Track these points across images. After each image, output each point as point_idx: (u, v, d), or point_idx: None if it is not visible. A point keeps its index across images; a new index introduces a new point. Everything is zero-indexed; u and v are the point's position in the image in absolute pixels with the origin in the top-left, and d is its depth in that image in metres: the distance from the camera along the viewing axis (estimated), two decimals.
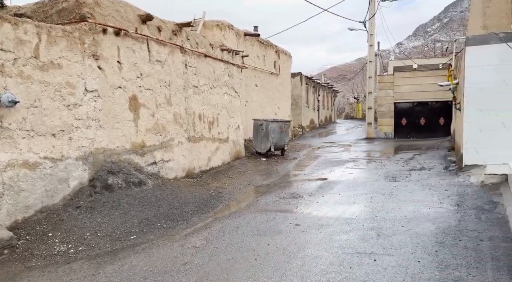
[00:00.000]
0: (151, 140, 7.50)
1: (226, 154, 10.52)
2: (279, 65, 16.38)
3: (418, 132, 19.00)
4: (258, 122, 12.32)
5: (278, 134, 12.26)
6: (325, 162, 11.23)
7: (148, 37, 7.49)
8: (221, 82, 10.26)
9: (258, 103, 14.68)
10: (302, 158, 12.34)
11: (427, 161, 10.67)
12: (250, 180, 8.75)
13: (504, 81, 7.64)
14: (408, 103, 19.24)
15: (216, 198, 7.10)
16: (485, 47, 7.77)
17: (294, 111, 23.98)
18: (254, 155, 12.46)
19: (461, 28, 77.27)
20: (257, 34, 13.10)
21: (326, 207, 6.22)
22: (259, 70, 14.59)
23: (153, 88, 7.62)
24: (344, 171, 9.57)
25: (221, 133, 10.22)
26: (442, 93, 18.29)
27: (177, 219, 5.83)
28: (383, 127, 19.77)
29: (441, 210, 5.55)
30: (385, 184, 7.71)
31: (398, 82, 19.21)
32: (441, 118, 18.62)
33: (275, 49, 16.03)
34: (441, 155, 11.90)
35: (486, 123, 7.86)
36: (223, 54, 10.37)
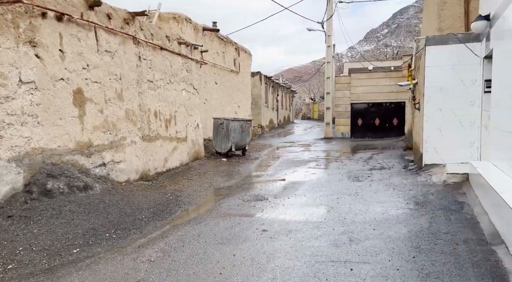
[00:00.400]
0: (100, 139, 6.70)
1: (185, 154, 9.87)
2: (239, 63, 15.92)
3: (374, 132, 19.44)
4: (218, 121, 11.76)
5: (239, 134, 11.80)
6: (288, 162, 10.93)
7: (96, 25, 6.68)
8: (179, 77, 9.59)
9: (218, 102, 14.11)
10: (264, 158, 11.97)
11: (385, 160, 10.74)
12: (210, 182, 8.20)
13: (462, 81, 7.75)
14: (364, 104, 19.63)
15: (174, 202, 6.48)
16: (444, 47, 7.84)
17: (254, 111, 23.66)
18: (214, 155, 11.89)
19: (408, 34, 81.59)
20: (216, 29, 12.54)
21: (293, 209, 5.84)
22: (218, 67, 14.02)
23: (102, 82, 6.82)
24: (307, 171, 9.31)
25: (179, 132, 9.55)
26: (395, 94, 18.86)
27: (129, 228, 5.16)
28: (340, 127, 20.01)
29: (410, 211, 5.38)
30: (349, 184, 7.52)
31: (354, 83, 19.53)
32: (395, 119, 19.19)
33: (235, 46, 15.55)
34: (398, 154, 12.09)
35: (445, 122, 7.95)
36: (181, 48, 9.70)
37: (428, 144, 8.10)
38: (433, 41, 7.96)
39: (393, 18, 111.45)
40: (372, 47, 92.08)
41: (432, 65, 7.99)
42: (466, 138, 7.73)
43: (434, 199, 5.98)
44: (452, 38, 7.77)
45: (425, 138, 8.13)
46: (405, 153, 12.01)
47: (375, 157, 11.73)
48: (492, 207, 4.50)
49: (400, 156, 11.65)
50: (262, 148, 15.17)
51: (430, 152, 8.09)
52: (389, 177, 8.08)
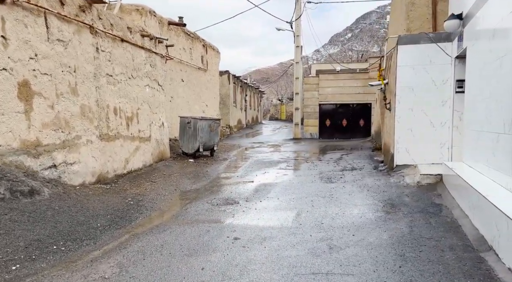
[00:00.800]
0: (50, 138, 5.94)
1: (148, 154, 9.18)
2: (207, 61, 15.33)
3: (341, 133, 19.51)
4: (185, 120, 11.14)
5: (208, 134, 11.24)
6: (258, 163, 10.52)
7: (46, 10, 5.93)
8: (142, 72, 8.90)
9: (184, 100, 13.45)
10: (233, 159, 11.48)
11: (355, 161, 10.61)
12: (176, 184, 7.60)
13: (433, 81, 7.69)
14: (332, 105, 19.66)
15: (135, 207, 5.86)
16: (416, 46, 7.75)
17: (222, 110, 23.10)
18: (180, 155, 11.25)
19: (371, 38, 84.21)
20: (183, 23, 11.91)
21: (266, 214, 5.42)
22: (185, 64, 13.38)
23: (53, 74, 6.06)
24: (278, 172, 8.94)
25: (142, 131, 8.85)
26: (362, 96, 19.03)
27: (81, 238, 4.51)
28: (309, 128, 19.91)
29: (387, 215, 5.12)
30: (323, 186, 7.22)
31: (322, 84, 19.51)
32: (361, 120, 19.36)
33: (202, 43, 14.94)
34: (367, 154, 12.04)
35: (416, 123, 7.86)
36: (144, 40, 9.02)
37: (399, 144, 7.98)
38: (405, 40, 7.85)
39: (356, 23, 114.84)
40: (337, 51, 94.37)
41: (403, 65, 7.88)
42: (437, 139, 7.68)
43: (410, 201, 5.78)
44: (424, 38, 7.69)
45: (397, 138, 8.00)
46: (374, 154, 11.98)
47: (345, 157, 11.60)
48: (474, 210, 4.30)
49: (369, 156, 11.59)
50: (231, 148, 14.68)
51: (401, 152, 7.98)
52: (361, 178, 7.87)
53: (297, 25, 18.72)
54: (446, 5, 10.11)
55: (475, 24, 5.71)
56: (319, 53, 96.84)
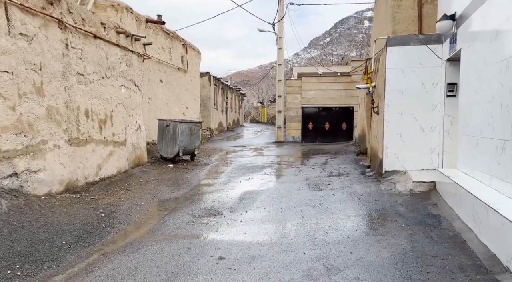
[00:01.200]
0: (10, 143, 5.26)
1: (123, 160, 8.53)
2: (187, 61, 14.73)
3: (324, 136, 19.28)
4: (164, 122, 10.53)
5: (188, 137, 10.66)
6: (241, 168, 10.02)
7: (7, 1, 5.26)
8: (117, 72, 8.26)
9: (163, 102, 12.81)
10: (215, 164, 10.94)
11: (341, 166, 10.29)
12: (154, 193, 7.01)
13: (423, 84, 7.44)
14: (315, 108, 19.41)
15: (107, 220, 5.25)
16: (405, 48, 7.48)
17: (203, 112, 22.50)
18: (159, 160, 10.62)
19: (349, 43, 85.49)
20: (161, 21, 11.31)
21: (253, 226, 4.94)
22: (164, 64, 12.75)
23: (15, 71, 5.39)
24: (263, 178, 8.47)
25: (116, 134, 8.20)
26: (344, 99, 18.87)
27: (42, 260, 3.90)
28: (291, 131, 19.59)
29: (384, 228, 4.74)
30: (311, 194, 6.80)
31: (305, 87, 19.24)
32: (344, 123, 19.19)
33: (182, 42, 14.34)
34: (352, 159, 11.76)
35: (406, 127, 7.58)
36: (120, 38, 8.38)
37: (388, 149, 7.68)
38: (394, 41, 7.56)
39: (335, 28, 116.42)
40: (316, 54, 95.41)
41: (392, 67, 7.59)
42: (427, 144, 7.42)
43: (405, 211, 5.43)
44: (413, 39, 7.43)
45: (386, 143, 7.70)
46: (359, 158, 11.71)
47: (330, 162, 11.27)
48: (480, 224, 3.97)
49: (354, 161, 11.30)
50: (212, 152, 14.12)
51: (390, 158, 7.68)
52: (350, 185, 7.51)
53: (279, 26, 18.38)
54: (432, 7, 9.95)
55: (472, 24, 5.44)
56: (299, 56, 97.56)
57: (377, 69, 8.57)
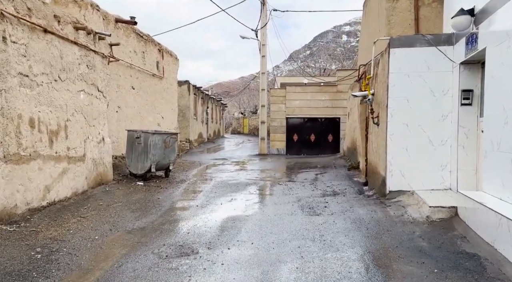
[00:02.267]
0: None
1: (81, 178, 7.11)
2: (163, 67, 13.43)
3: (309, 148, 18.26)
4: (134, 134, 9.17)
5: (162, 150, 9.32)
6: (222, 186, 8.74)
7: None
8: (75, 74, 6.91)
9: (135, 111, 11.43)
10: (192, 180, 9.60)
11: (334, 183, 9.18)
12: (114, 221, 5.64)
13: (432, 91, 6.45)
14: (300, 119, 18.41)
15: (42, 266, 3.88)
16: (411, 50, 6.50)
17: (181, 123, 21.15)
18: (127, 177, 9.22)
19: (327, 57, 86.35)
20: (133, 21, 10.03)
21: (238, 273, 3.68)
22: (136, 69, 11.42)
23: None
24: (248, 199, 7.23)
25: (72, 148, 6.80)
26: (330, 110, 17.96)
27: None
28: (275, 143, 18.47)
29: (412, 278, 3.58)
30: (307, 220, 5.61)
31: (289, 96, 18.25)
32: (330, 135, 18.25)
33: (158, 47, 13.07)
34: (343, 174, 10.69)
35: (412, 140, 6.55)
36: (79, 35, 7.06)
37: (393, 166, 6.61)
38: (398, 42, 6.58)
39: (314, 41, 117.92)
40: (296, 67, 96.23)
41: (396, 72, 6.58)
42: (437, 160, 6.40)
43: (429, 247, 4.30)
44: (420, 40, 6.46)
45: (390, 159, 6.63)
46: (351, 174, 10.65)
47: (321, 178, 10.15)
48: None
49: (347, 176, 10.23)
50: (191, 166, 12.77)
51: (395, 175, 6.61)
52: (350, 208, 6.37)
53: (262, 33, 17.41)
54: (430, 10, 9.12)
55: (504, 18, 4.47)
56: (280, 68, 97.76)
57: (376, 75, 7.57)
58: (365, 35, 12.40)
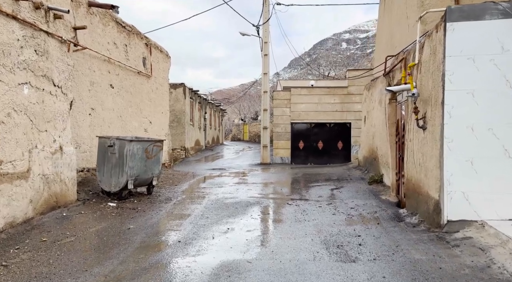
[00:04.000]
0: None
1: (22, 202, 5.17)
2: (151, 64, 11.58)
3: (317, 157, 16.34)
4: (106, 141, 7.28)
5: (142, 162, 7.42)
6: (217, 207, 6.80)
7: None
8: (14, 61, 5.02)
9: (115, 114, 9.54)
10: (180, 199, 7.66)
11: (358, 202, 7.25)
12: (50, 272, 3.70)
13: (508, 80, 4.56)
14: (306, 124, 16.52)
15: None
16: (478, 25, 4.62)
17: (176, 129, 19.28)
18: (99, 196, 7.31)
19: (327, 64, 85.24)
20: (109, 5, 8.15)
21: None
22: (117, 65, 9.55)
23: None
24: (250, 230, 5.28)
25: (8, 162, 4.88)
26: (340, 114, 16.09)
27: None
28: (279, 151, 16.55)
29: None
30: (341, 275, 3.67)
31: (295, 99, 16.39)
32: (340, 142, 16.34)
33: (145, 41, 11.23)
34: (365, 190, 8.76)
35: (480, 150, 4.64)
36: (21, 7, 5.18)
37: (453, 185, 4.69)
38: (458, 14, 4.70)
39: (314, 49, 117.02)
40: (296, 74, 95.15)
41: (456, 55, 4.70)
42: None
43: None
44: (491, 9, 4.60)
45: (447, 176, 4.71)
46: (375, 189, 8.72)
47: (338, 194, 8.22)
48: None
49: (370, 193, 8.30)
50: (182, 178, 10.84)
51: (456, 199, 4.68)
52: (396, 247, 4.43)
53: (265, 29, 15.61)
54: None
55: None
56: (280, 76, 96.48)
57: (420, 63, 5.67)
58: (385, 26, 10.56)
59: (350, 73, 15.91)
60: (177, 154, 19.12)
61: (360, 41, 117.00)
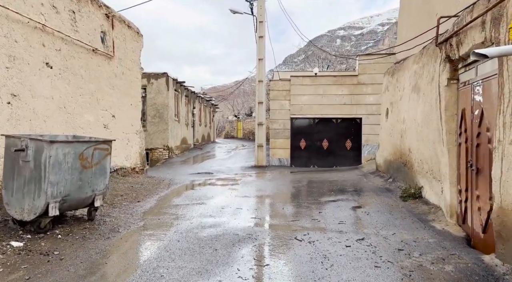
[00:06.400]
0: None
1: None
2: (113, 41, 8.92)
3: (321, 158, 13.83)
4: (15, 142, 4.67)
5: (75, 174, 4.83)
6: (185, 249, 4.21)
7: None
8: None
9: (55, 104, 6.91)
10: (134, 228, 5.03)
11: (402, 236, 4.77)
12: None
13: None
14: (308, 120, 13.99)
15: None
16: None
17: (158, 126, 16.67)
18: (6, 226, 4.71)
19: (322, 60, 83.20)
20: None
21: None
22: (58, 37, 6.91)
23: None
24: None
25: None
26: (349, 108, 13.56)
27: None
28: (277, 151, 14.01)
29: None
30: None
31: (295, 91, 13.84)
32: (348, 140, 13.82)
33: (105, 10, 8.58)
34: (401, 209, 6.25)
35: None
36: None
37: None
38: None
39: (308, 45, 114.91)
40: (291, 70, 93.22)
41: None
42: None
43: None
44: None
45: None
46: (414, 208, 6.22)
47: (366, 218, 5.69)
48: None
49: (411, 216, 5.79)
50: (153, 189, 8.24)
51: None
52: None
53: (259, 6, 13.01)
54: None
55: None
56: (274, 73, 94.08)
57: None
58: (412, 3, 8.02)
59: (361, 59, 13.37)
60: (158, 154, 16.52)
61: (355, 38, 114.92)
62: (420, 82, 6.84)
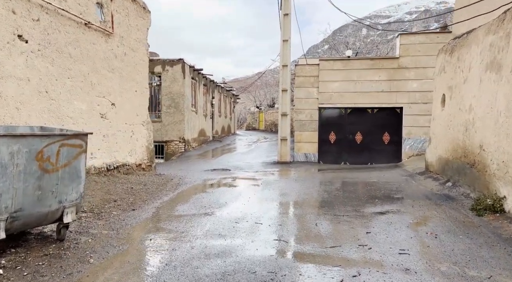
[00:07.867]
0: None
1: None
2: (112, 15, 7.49)
3: (353, 154, 12.07)
4: None
5: (29, 181, 3.42)
6: None
7: None
8: None
9: (33, 88, 5.56)
10: (113, 254, 3.58)
11: (500, 276, 3.04)
12: None
13: None
14: (339, 110, 12.23)
15: None
16: None
17: (173, 116, 15.36)
18: None
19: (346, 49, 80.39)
20: None
21: None
22: (34, 2, 5.52)
23: None
24: None
25: None
26: (387, 95, 11.67)
27: None
28: (302, 145, 12.35)
29: None
30: None
31: (324, 76, 12.07)
32: (386, 133, 11.97)
33: None
34: (481, 230, 4.56)
35: None
36: None
37: None
38: None
39: (333, 35, 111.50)
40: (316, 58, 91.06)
41: None
42: None
43: None
44: None
45: None
46: (498, 228, 4.50)
47: (431, 241, 4.02)
48: None
49: (499, 241, 4.06)
50: (157, 191, 6.83)
51: None
52: None
53: None
54: None
55: None
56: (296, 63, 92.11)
57: None
58: None
59: (403, 39, 11.40)
60: (174, 147, 15.24)
61: (381, 27, 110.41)
62: (501, 58, 5.01)
